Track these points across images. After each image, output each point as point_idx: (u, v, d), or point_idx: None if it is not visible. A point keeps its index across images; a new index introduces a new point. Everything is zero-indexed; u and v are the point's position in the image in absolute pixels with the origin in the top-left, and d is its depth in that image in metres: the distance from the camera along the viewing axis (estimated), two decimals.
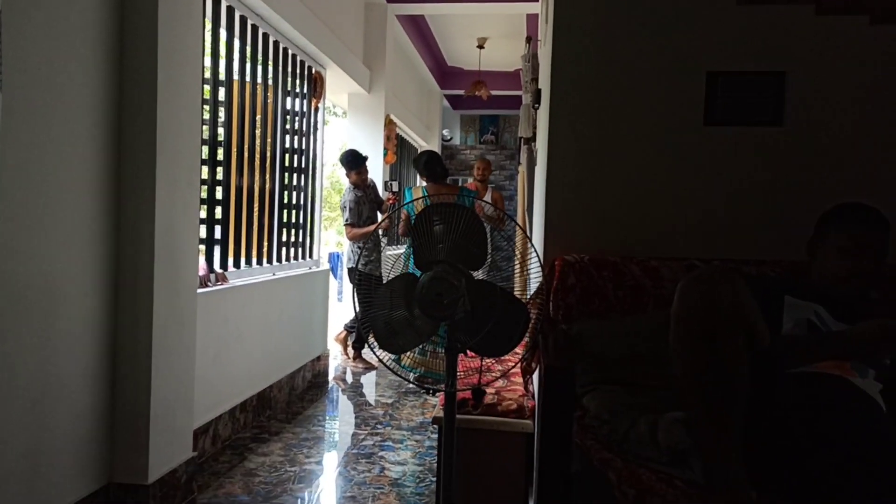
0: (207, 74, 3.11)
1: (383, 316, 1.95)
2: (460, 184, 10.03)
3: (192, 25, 2.48)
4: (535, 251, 1.95)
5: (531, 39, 4.16)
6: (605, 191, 2.10)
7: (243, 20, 3.49)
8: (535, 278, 1.99)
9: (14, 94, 1.80)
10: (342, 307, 5.84)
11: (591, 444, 1.62)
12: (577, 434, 1.66)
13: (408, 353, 2.12)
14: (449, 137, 10.03)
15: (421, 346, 2.02)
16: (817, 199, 1.99)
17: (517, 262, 2.00)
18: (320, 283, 4.61)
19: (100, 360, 2.20)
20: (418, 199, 3.99)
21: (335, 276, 6.47)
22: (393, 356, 2.01)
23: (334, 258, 6.98)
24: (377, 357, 1.98)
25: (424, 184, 4.34)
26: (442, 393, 2.18)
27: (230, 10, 3.36)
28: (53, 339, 1.99)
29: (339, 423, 3.59)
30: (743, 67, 2.03)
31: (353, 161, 4.72)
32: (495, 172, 9.83)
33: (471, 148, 10.10)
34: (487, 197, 5.85)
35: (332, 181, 13.79)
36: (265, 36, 3.78)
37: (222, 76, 3.37)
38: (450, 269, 1.87)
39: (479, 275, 1.96)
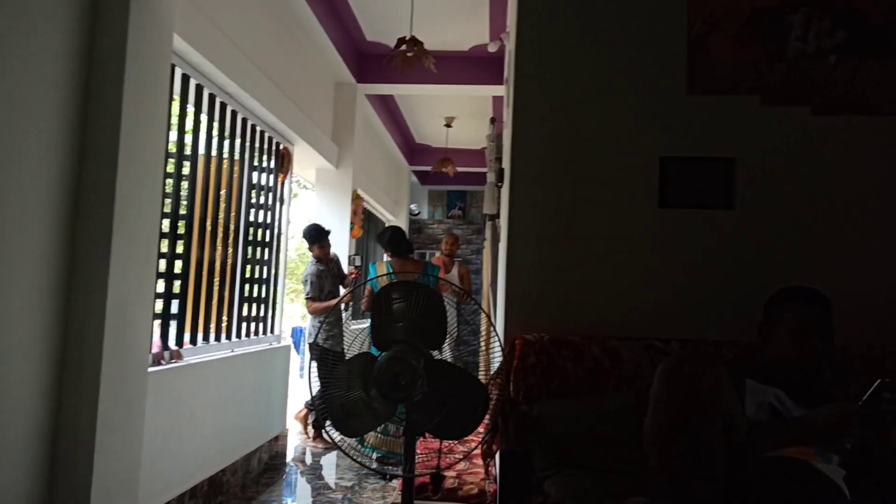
0: (173, 148, 3.12)
1: (340, 397, 1.90)
2: (427, 258, 10.09)
3: (158, 100, 2.50)
4: (495, 331, 1.94)
5: (495, 120, 4.29)
6: (564, 271, 2.12)
7: (212, 98, 3.54)
8: (498, 358, 1.98)
9: None
10: (304, 383, 5.69)
11: None
12: None
13: (370, 434, 2.06)
14: (417, 212, 10.14)
15: (383, 426, 1.97)
16: (769, 279, 2.03)
17: (481, 339, 1.99)
18: (281, 358, 4.50)
19: (39, 447, 2.08)
20: (382, 275, 3.99)
21: (297, 352, 6.33)
22: (353, 438, 1.94)
23: (297, 332, 6.87)
24: (332, 440, 1.92)
25: (389, 259, 4.34)
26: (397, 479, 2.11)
27: (199, 87, 3.41)
28: None
29: None
30: (694, 153, 2.11)
31: (315, 235, 4.73)
32: (462, 246, 9.91)
33: (438, 222, 10.21)
34: (454, 271, 5.88)
35: (300, 253, 13.75)
36: (233, 113, 3.83)
37: (188, 150, 3.38)
38: (409, 348, 1.85)
39: (438, 354, 1.94)
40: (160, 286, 2.99)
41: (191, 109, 3.40)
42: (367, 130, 6.83)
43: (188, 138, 3.41)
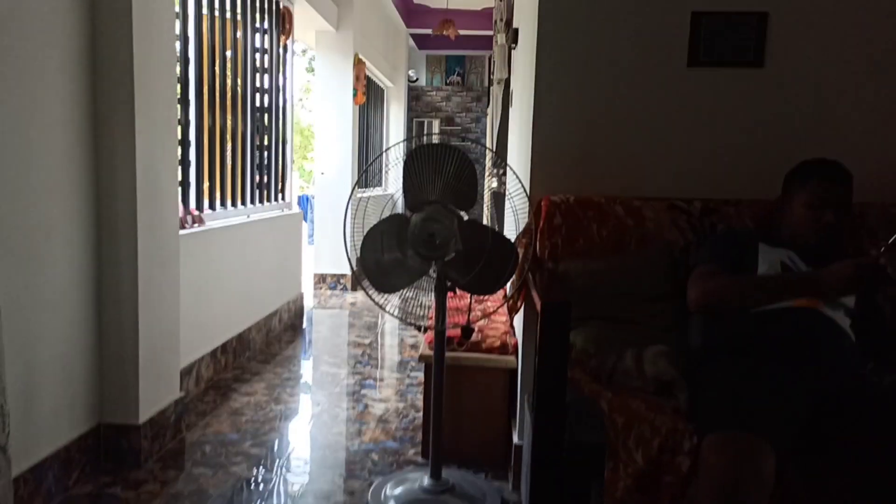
0: (176, 9, 2.97)
1: (375, 256, 1.97)
2: (425, 126, 9.93)
3: None
4: (525, 190, 1.97)
5: None
6: (589, 131, 2.12)
7: None
8: (522, 217, 2.02)
9: None
10: (313, 250, 5.82)
11: (580, 377, 1.69)
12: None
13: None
14: (415, 78, 9.85)
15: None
16: (795, 142, 2.05)
17: (506, 201, 2.03)
18: (293, 225, 4.57)
19: (86, 305, 2.17)
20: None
21: (305, 219, 6.41)
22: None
23: (304, 200, 6.90)
24: (372, 299, 2.01)
25: None
26: (430, 331, 2.23)
27: None
28: (40, 281, 1.95)
29: (319, 363, 3.63)
30: (727, 7, 2.04)
31: None
32: (461, 115, 9.74)
33: (437, 89, 9.95)
34: None
35: (294, 122, 13.51)
36: None
37: (190, 11, 3.23)
38: (441, 208, 1.89)
39: (468, 215, 1.98)
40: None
41: None
42: None
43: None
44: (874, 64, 2.05)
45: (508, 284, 2.07)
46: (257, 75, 4.10)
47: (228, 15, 3.62)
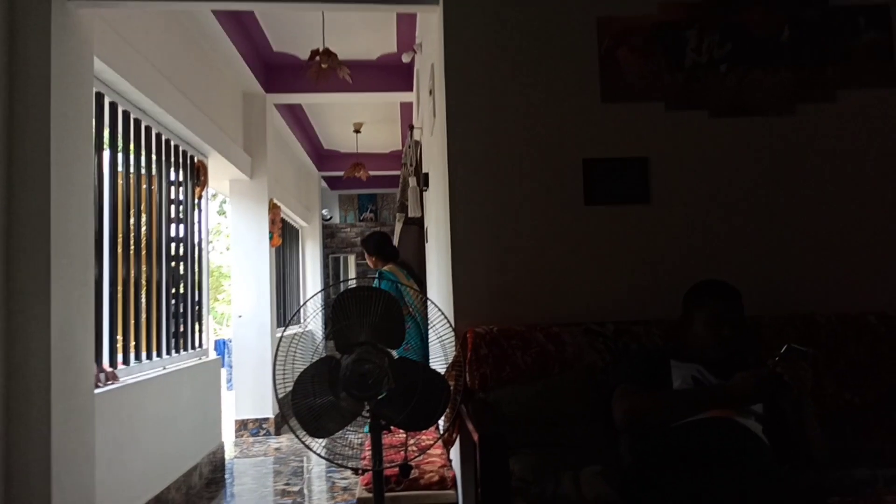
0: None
1: (307, 401, 1.95)
2: (341, 262, 10.05)
3: (83, 122, 2.43)
4: (450, 323, 2.05)
5: (413, 128, 4.40)
6: (505, 266, 2.27)
7: (126, 115, 3.43)
8: (450, 349, 2.08)
9: None
10: (233, 396, 5.58)
11: None
12: None
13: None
14: (329, 217, 10.07)
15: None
16: (686, 264, 2.28)
17: (431, 336, 2.09)
18: (212, 372, 4.40)
19: None
20: (409, 286, 4.00)
21: (223, 364, 6.17)
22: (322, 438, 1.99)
23: (220, 345, 6.67)
24: (307, 446, 1.96)
25: (385, 266, 4.33)
26: (367, 473, 2.18)
27: (113, 105, 3.29)
28: None
29: None
30: (613, 154, 2.31)
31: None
32: None
33: (350, 226, 10.19)
34: None
35: (214, 266, 13.31)
36: (147, 129, 3.71)
37: (106, 169, 3.26)
38: (371, 349, 1.93)
39: (396, 353, 2.02)
40: None
41: (106, 129, 3.28)
42: (278, 139, 6.73)
43: (105, 157, 3.28)
44: (740, 194, 2.36)
45: (442, 418, 2.09)
46: (172, 225, 4.10)
47: (144, 171, 3.67)
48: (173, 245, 4.08)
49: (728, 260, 2.30)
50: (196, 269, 4.45)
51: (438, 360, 2.11)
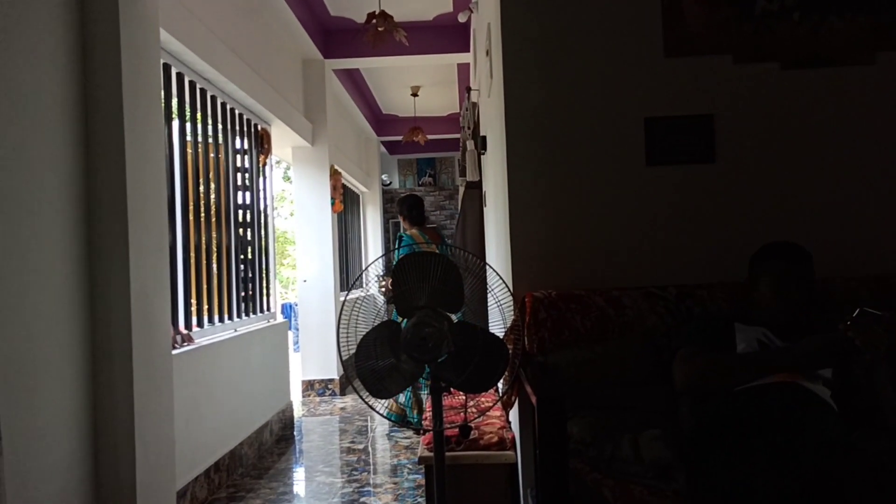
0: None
1: (370, 364, 2.01)
2: (400, 228, 10.16)
3: (152, 94, 2.52)
4: (508, 288, 2.06)
5: (470, 89, 4.35)
6: (563, 229, 2.25)
7: (192, 84, 3.53)
8: (508, 314, 2.10)
9: None
10: (299, 358, 5.79)
11: (580, 467, 1.72)
12: None
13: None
14: (388, 182, 10.16)
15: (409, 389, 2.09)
16: (752, 226, 2.20)
17: (490, 300, 2.11)
18: (279, 335, 4.58)
19: (81, 436, 2.15)
20: (422, 243, 4.09)
21: (290, 327, 6.40)
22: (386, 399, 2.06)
23: (287, 308, 6.92)
24: (367, 404, 2.03)
25: (410, 230, 4.46)
26: (428, 433, 2.24)
27: (180, 76, 3.39)
28: (37, 417, 1.94)
29: (314, 473, 3.56)
30: (676, 112, 2.24)
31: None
32: (436, 213, 10.01)
33: (410, 191, 10.25)
34: None
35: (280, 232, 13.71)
36: (213, 98, 3.82)
37: (175, 138, 3.38)
38: (431, 312, 1.96)
39: (457, 316, 2.05)
40: None
41: (174, 99, 3.39)
42: (337, 106, 6.80)
43: (174, 127, 3.40)
44: (812, 151, 2.24)
45: (501, 380, 2.12)
46: (239, 193, 4.24)
47: (210, 140, 3.79)
48: (240, 212, 4.23)
49: (798, 220, 2.21)
50: (262, 235, 4.60)
51: (497, 325, 2.13)
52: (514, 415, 2.49)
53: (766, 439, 1.56)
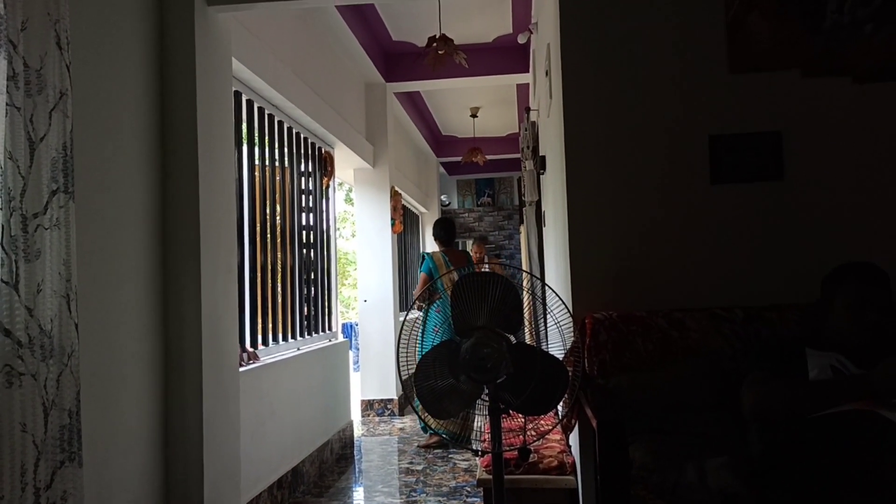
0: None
1: (429, 384, 2.04)
2: (460, 245, 10.23)
3: (225, 120, 2.66)
4: (568, 310, 2.06)
5: (529, 109, 4.39)
6: (624, 249, 2.24)
7: (261, 111, 3.70)
8: (568, 335, 2.10)
9: (84, 204, 1.93)
10: (359, 377, 5.89)
11: (643, 494, 1.69)
12: None
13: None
14: (447, 202, 10.27)
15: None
16: (823, 246, 2.13)
17: (549, 321, 2.11)
18: (341, 354, 4.68)
19: (154, 447, 2.26)
20: (445, 272, 4.14)
21: (350, 347, 6.52)
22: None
23: (347, 328, 7.06)
24: (427, 426, 2.06)
25: (437, 249, 4.61)
26: (487, 455, 2.25)
27: (249, 102, 3.56)
28: (116, 426, 2.06)
29: (373, 493, 3.60)
30: (742, 129, 2.20)
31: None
32: (494, 233, 10.04)
33: (468, 211, 10.33)
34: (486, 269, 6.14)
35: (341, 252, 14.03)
36: (280, 123, 3.98)
37: (244, 162, 3.54)
38: (490, 333, 1.98)
39: (515, 338, 2.07)
40: None
41: (244, 126, 3.56)
42: (397, 127, 6.96)
43: (243, 150, 3.57)
44: (887, 168, 2.16)
45: (561, 403, 2.11)
46: (303, 214, 4.38)
47: (277, 163, 3.95)
48: (304, 233, 4.37)
49: (873, 240, 2.12)
50: (325, 256, 4.74)
51: (556, 346, 2.13)
52: (574, 438, 2.47)
53: (840, 470, 1.50)
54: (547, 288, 2.21)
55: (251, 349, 3.35)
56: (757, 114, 2.21)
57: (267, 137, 3.81)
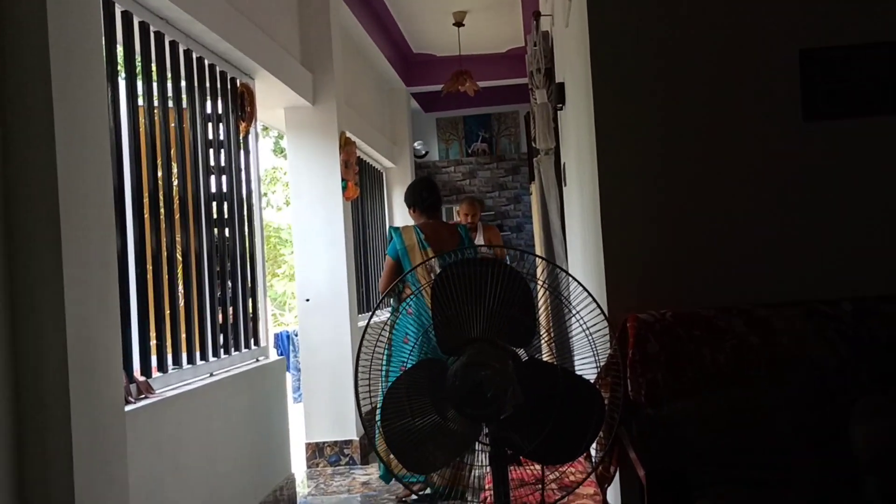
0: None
1: (402, 423, 2.05)
2: (444, 216, 10.23)
3: (90, 46, 2.61)
4: (601, 309, 2.07)
5: (540, 15, 4.37)
6: (683, 222, 2.24)
7: (144, 27, 3.64)
8: (602, 347, 2.11)
9: None
10: (301, 410, 5.90)
11: None
12: None
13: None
14: (423, 152, 10.24)
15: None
16: None
17: (574, 326, 2.12)
18: (274, 378, 4.68)
19: None
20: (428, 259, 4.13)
21: (288, 367, 6.50)
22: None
23: (282, 340, 7.01)
24: (400, 481, 2.07)
25: (416, 222, 4.56)
26: None
27: (126, 15, 3.50)
28: None
29: None
30: (847, 40, 2.20)
31: None
32: (493, 195, 10.04)
33: (455, 163, 10.30)
34: (479, 238, 6.06)
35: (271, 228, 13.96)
36: (174, 44, 3.92)
37: (122, 103, 3.49)
38: (489, 348, 1.98)
39: (526, 353, 2.07)
40: None
41: (119, 48, 3.50)
42: (349, 45, 6.90)
43: (119, 86, 3.51)
44: None
45: (594, 444, 2.13)
46: (212, 177, 4.34)
47: (171, 104, 3.90)
48: (215, 204, 4.33)
49: None
50: (248, 237, 4.70)
51: (586, 362, 2.14)
52: (613, 492, 2.49)
53: None
54: (570, 278, 2.22)
55: (142, 378, 3.33)
56: (871, 14, 2.21)
57: (155, 67, 3.75)
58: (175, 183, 3.91)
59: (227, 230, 4.46)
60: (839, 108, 2.21)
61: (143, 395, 3.25)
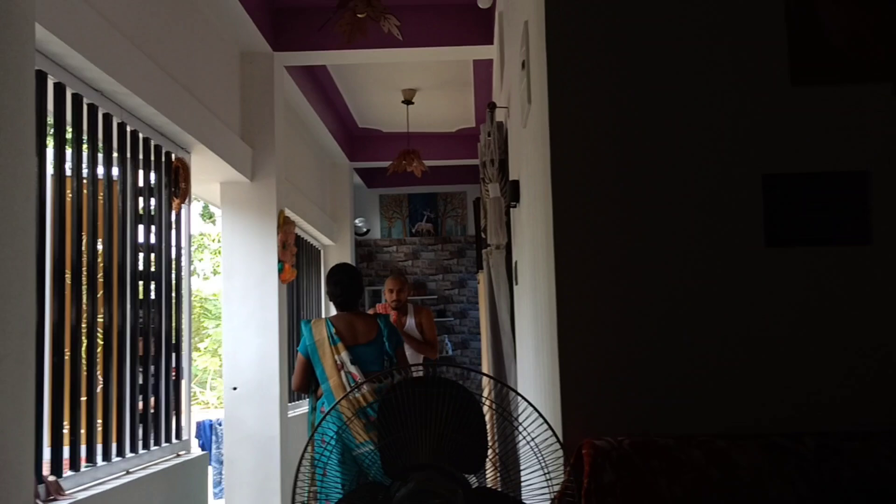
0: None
1: None
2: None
3: (21, 116, 2.57)
4: (555, 434, 2.06)
5: (495, 106, 4.45)
6: (641, 342, 2.25)
7: (77, 99, 3.62)
8: (556, 473, 2.09)
9: None
10: None
11: None
12: None
13: None
14: (364, 230, 10.25)
15: None
16: None
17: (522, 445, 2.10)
18: (195, 478, 4.56)
19: None
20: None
21: (210, 460, 6.34)
22: None
23: (205, 430, 6.84)
24: None
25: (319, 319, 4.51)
26: None
27: (59, 87, 3.48)
28: None
29: None
30: (810, 168, 2.27)
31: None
32: (437, 278, 10.05)
33: (398, 243, 10.32)
34: (410, 321, 5.95)
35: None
36: (107, 117, 3.91)
37: (48, 174, 3.45)
38: (438, 475, 1.96)
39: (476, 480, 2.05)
40: None
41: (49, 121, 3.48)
42: (291, 119, 6.93)
43: (47, 156, 3.48)
44: None
45: None
46: (140, 254, 4.28)
47: (101, 177, 3.86)
48: (141, 283, 4.27)
49: None
50: (174, 319, 4.63)
51: (536, 487, 2.12)
52: None
53: None
54: (519, 398, 2.21)
55: (52, 478, 3.22)
56: (833, 145, 2.28)
57: (87, 139, 3.72)
58: (100, 259, 3.85)
59: (152, 311, 4.39)
60: (802, 235, 2.26)
61: (52, 498, 3.14)
